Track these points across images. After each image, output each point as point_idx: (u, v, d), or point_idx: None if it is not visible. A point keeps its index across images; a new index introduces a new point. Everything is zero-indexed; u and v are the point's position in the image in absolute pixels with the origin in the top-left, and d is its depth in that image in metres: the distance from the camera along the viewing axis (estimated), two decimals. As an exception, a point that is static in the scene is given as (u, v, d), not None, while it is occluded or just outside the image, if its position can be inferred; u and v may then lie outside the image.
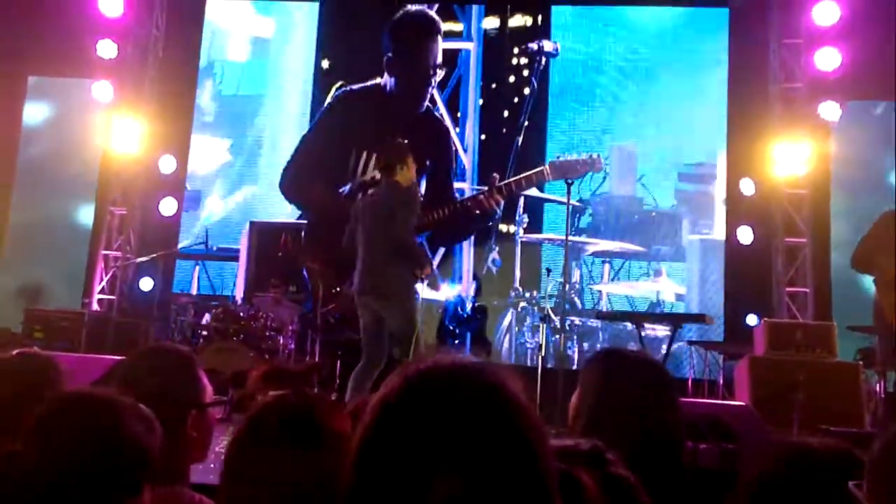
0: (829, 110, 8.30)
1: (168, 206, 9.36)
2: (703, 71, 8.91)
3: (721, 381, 7.52)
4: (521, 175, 7.42)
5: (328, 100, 7.68)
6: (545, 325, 6.59)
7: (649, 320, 6.94)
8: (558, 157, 7.54)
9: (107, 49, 9.01)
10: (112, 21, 9.10)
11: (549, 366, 6.24)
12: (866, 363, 6.32)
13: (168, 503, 1.94)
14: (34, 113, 9.91)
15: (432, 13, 7.70)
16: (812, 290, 8.48)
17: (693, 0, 9.11)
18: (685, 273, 8.10)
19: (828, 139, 8.62)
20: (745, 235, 8.62)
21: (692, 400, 6.41)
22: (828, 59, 8.26)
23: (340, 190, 6.84)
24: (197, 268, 7.67)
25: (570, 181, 6.11)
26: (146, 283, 9.23)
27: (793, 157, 8.43)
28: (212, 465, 3.62)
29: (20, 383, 2.08)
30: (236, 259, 8.29)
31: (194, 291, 7.56)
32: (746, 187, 8.63)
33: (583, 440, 1.45)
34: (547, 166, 7.44)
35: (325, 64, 8.79)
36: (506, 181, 7.21)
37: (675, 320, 6.56)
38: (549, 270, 7.55)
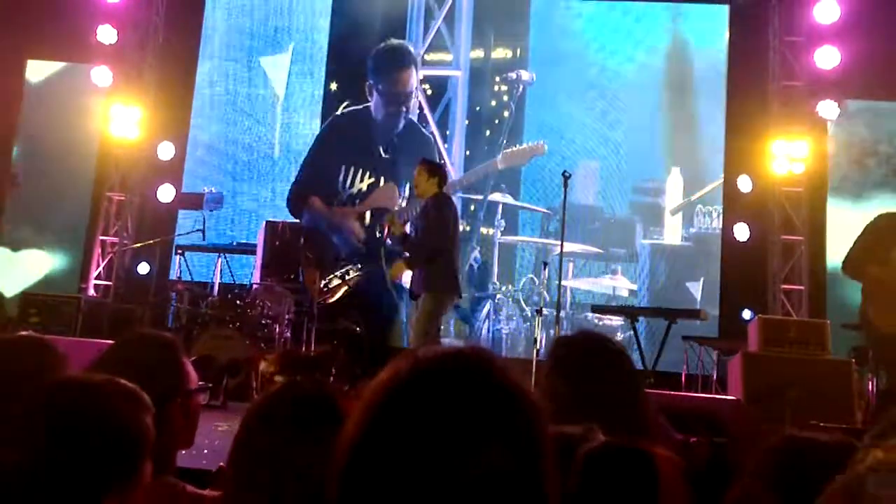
0: (828, 109, 8.32)
1: (166, 193, 9.36)
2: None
3: (715, 377, 7.54)
4: (476, 168, 8.33)
5: (322, 125, 8.31)
6: (539, 318, 6.60)
7: (644, 314, 6.98)
8: (508, 149, 8.30)
9: (106, 34, 8.99)
10: (112, 6, 9.09)
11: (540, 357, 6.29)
12: (859, 361, 6.33)
13: (154, 493, 1.95)
14: (33, 96, 9.87)
15: (408, 46, 8.43)
16: (807, 287, 8.52)
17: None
18: (638, 272, 8.98)
19: (825, 137, 8.63)
20: (742, 232, 8.64)
21: (683, 394, 6.44)
22: (827, 58, 8.27)
23: (333, 203, 7.49)
24: (220, 259, 8.30)
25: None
26: (143, 269, 9.24)
27: (790, 154, 8.45)
28: (202, 451, 3.67)
29: (19, 366, 2.08)
30: (255, 252, 8.81)
31: (217, 281, 8.06)
32: (744, 184, 8.65)
33: (577, 426, 1.47)
34: (497, 158, 8.29)
35: (333, 86, 9.53)
36: (464, 174, 7.76)
37: (671, 315, 6.57)
38: (545, 264, 7.75)
